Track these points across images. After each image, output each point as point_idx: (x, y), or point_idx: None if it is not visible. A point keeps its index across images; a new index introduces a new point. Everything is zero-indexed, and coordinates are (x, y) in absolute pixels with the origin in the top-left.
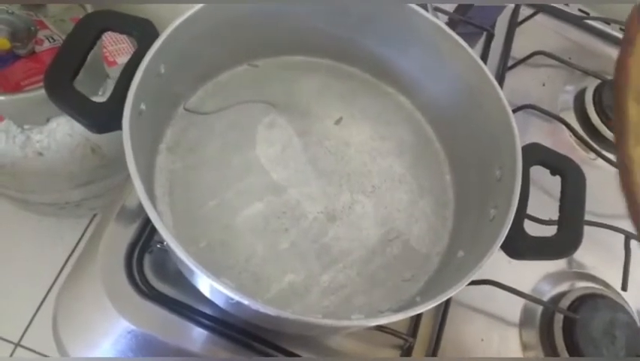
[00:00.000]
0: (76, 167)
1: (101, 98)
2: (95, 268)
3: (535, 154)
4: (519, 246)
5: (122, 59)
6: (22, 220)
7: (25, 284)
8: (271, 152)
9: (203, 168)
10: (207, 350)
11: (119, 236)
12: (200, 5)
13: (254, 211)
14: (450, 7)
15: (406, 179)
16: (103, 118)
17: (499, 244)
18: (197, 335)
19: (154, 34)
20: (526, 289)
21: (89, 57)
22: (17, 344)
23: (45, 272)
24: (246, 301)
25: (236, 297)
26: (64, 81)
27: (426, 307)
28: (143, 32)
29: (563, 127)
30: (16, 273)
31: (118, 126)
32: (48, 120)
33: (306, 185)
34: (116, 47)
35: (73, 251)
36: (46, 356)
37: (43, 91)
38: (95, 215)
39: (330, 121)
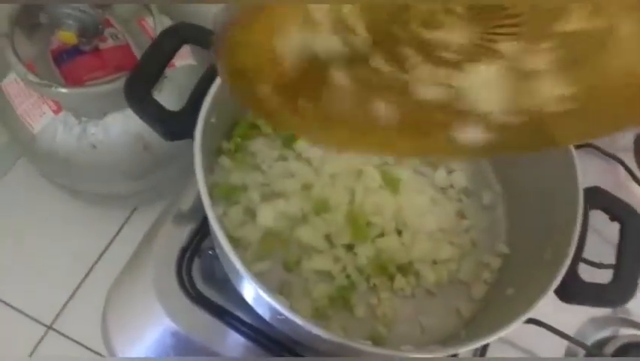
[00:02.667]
0: (127, 162)
1: (157, 96)
2: (148, 268)
3: (596, 198)
4: (572, 290)
5: (181, 62)
6: (68, 207)
7: (62, 269)
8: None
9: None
10: (245, 358)
11: (173, 239)
12: None
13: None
14: None
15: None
16: (176, 127)
17: (554, 287)
18: (237, 343)
19: None
20: (570, 330)
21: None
22: (49, 327)
23: (83, 259)
24: (298, 321)
25: (288, 315)
26: (144, 90)
27: (474, 345)
28: None
29: (621, 168)
30: (55, 257)
31: (189, 135)
32: (105, 115)
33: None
34: None
35: (111, 241)
36: (76, 341)
37: (103, 87)
38: (135, 208)
39: None
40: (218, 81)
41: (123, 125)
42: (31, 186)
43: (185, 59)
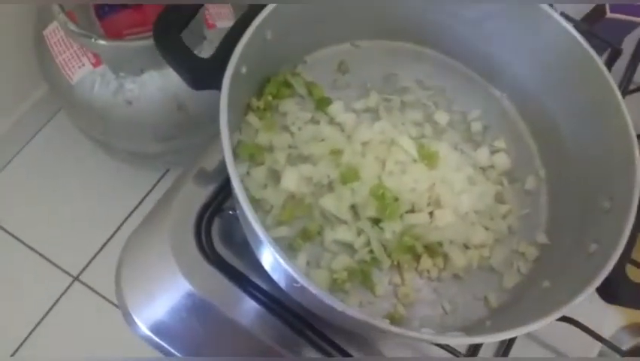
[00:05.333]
0: (161, 121)
1: None
2: (166, 224)
3: None
4: (618, 290)
5: (222, 24)
6: (102, 163)
7: (93, 223)
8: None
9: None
10: (258, 326)
11: (194, 195)
12: None
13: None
14: (577, 15)
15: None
16: (203, 74)
17: (597, 284)
18: (251, 309)
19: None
20: (605, 333)
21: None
22: (75, 278)
23: (114, 215)
24: (313, 290)
25: (304, 283)
26: (173, 30)
27: (499, 337)
28: None
29: None
30: (86, 211)
31: (217, 85)
32: (142, 72)
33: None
34: (217, 11)
35: (142, 201)
36: (99, 294)
37: (141, 42)
38: (167, 170)
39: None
40: (251, 29)
41: (159, 84)
42: (69, 139)
43: (226, 20)
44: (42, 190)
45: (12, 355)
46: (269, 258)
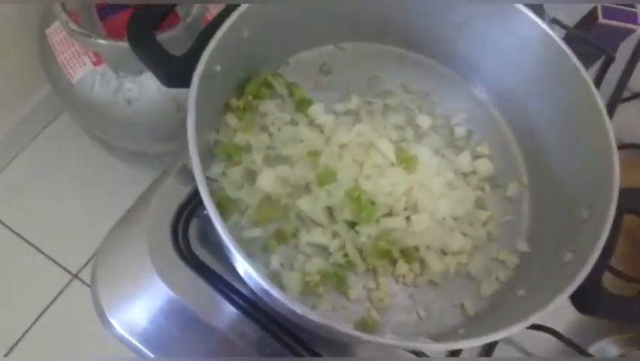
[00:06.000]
0: (160, 121)
1: None
2: (143, 222)
3: (633, 202)
4: (593, 301)
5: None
6: (103, 162)
7: (91, 221)
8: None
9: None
10: (234, 330)
11: (172, 194)
12: None
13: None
14: (570, 22)
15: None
16: (175, 72)
17: (569, 293)
18: (228, 313)
19: None
20: (589, 346)
21: (189, 18)
22: (75, 276)
23: (112, 213)
24: (274, 293)
25: (266, 286)
26: (145, 28)
27: (470, 345)
28: None
29: None
30: (88, 209)
31: (189, 83)
32: (141, 72)
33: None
34: (218, 10)
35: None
36: None
37: None
38: (164, 171)
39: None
40: (228, 24)
41: (159, 84)
42: (72, 138)
43: None
44: (44, 188)
45: (8, 352)
46: (236, 260)
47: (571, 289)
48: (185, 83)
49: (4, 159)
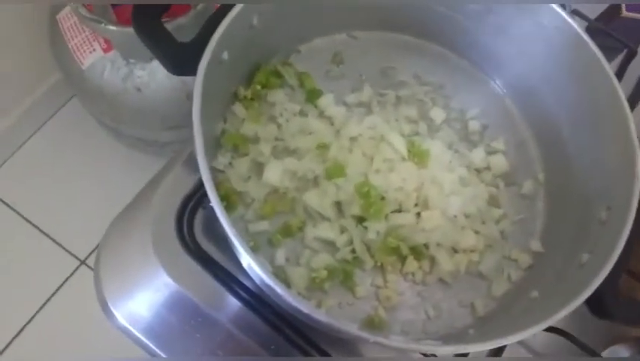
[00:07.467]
0: (169, 109)
1: None
2: (148, 214)
3: None
4: (609, 305)
5: None
6: (113, 148)
7: (100, 207)
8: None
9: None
10: (238, 325)
11: (179, 184)
12: None
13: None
14: (591, 13)
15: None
16: (181, 60)
17: (586, 296)
18: (231, 306)
19: None
20: (601, 349)
21: (200, 5)
22: (82, 262)
23: (121, 200)
24: (278, 289)
25: (270, 282)
26: (151, 14)
27: (479, 348)
28: None
29: None
30: (93, 195)
31: (196, 71)
32: (152, 59)
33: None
34: None
35: None
36: None
37: None
38: None
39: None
40: (233, 13)
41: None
42: (81, 124)
43: None
44: (53, 173)
45: (15, 336)
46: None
47: (588, 292)
48: (192, 70)
49: (14, 144)
